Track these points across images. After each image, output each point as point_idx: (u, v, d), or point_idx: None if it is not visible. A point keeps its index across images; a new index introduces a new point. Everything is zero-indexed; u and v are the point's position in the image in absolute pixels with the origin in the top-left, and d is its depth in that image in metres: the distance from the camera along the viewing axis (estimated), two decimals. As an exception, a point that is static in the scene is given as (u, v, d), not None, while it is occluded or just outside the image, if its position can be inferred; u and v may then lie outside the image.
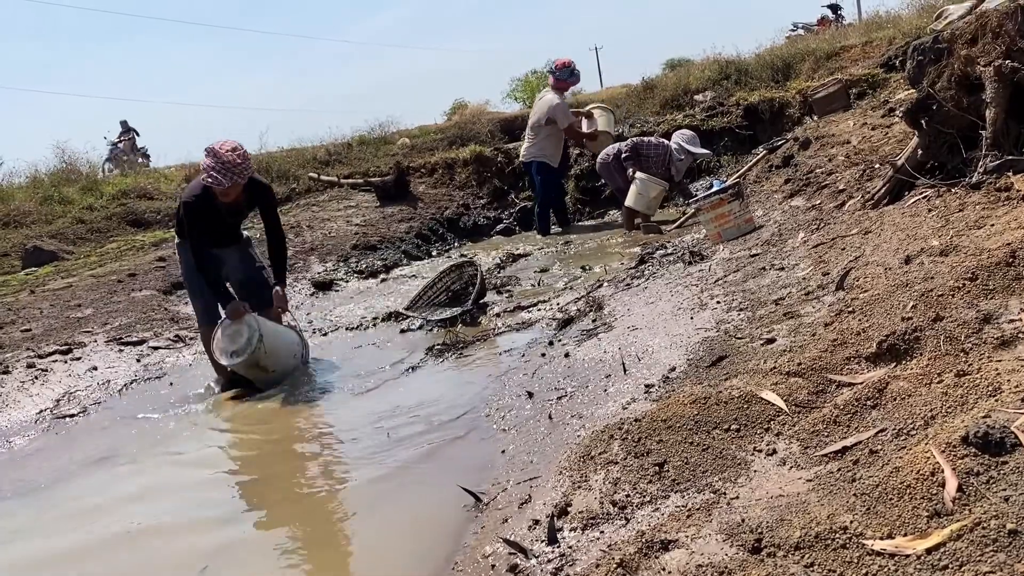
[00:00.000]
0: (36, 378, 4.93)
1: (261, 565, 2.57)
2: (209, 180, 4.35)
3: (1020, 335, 2.13)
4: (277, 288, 4.79)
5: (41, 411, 4.54)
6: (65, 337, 5.57)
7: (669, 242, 6.36)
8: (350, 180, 10.47)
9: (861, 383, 2.25)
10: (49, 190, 10.80)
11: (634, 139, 8.02)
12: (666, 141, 8.05)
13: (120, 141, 18.14)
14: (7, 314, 6.18)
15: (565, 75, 8.45)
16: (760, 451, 2.13)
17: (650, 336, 3.63)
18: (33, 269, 7.93)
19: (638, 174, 7.54)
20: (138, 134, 18.83)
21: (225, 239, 4.79)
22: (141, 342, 5.56)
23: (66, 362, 5.18)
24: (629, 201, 7.57)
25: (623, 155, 7.78)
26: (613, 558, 1.71)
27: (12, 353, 5.29)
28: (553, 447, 2.73)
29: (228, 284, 5.00)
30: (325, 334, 5.60)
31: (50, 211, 10.02)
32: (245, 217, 4.94)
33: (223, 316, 4.60)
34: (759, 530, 1.67)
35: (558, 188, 8.88)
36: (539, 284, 6.08)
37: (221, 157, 4.30)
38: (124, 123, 18.63)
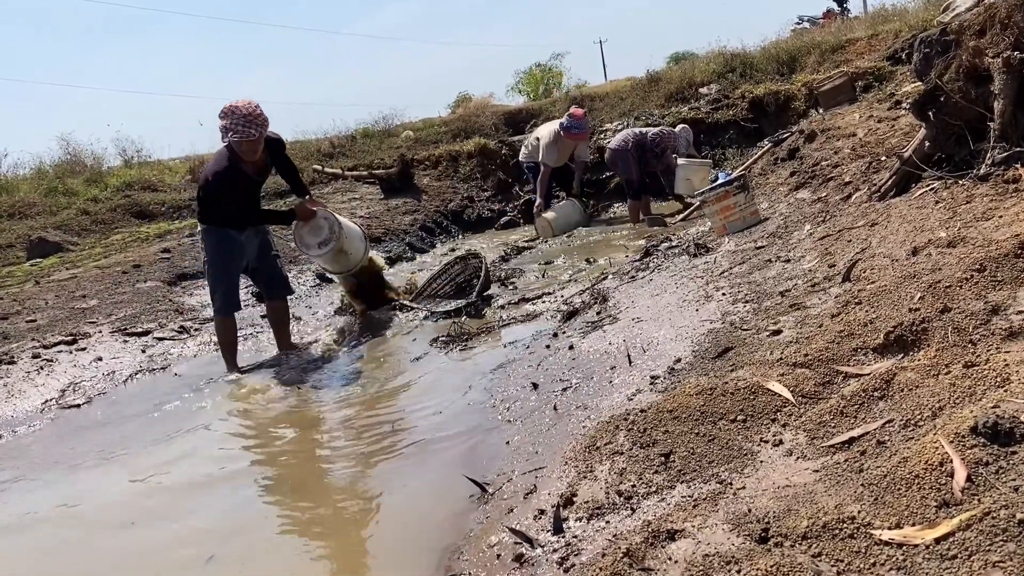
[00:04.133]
0: (41, 368, 4.94)
1: (267, 555, 2.58)
2: (238, 136, 4.44)
3: (1029, 326, 2.12)
4: (302, 200, 5.07)
5: (47, 401, 4.55)
6: (70, 328, 5.58)
7: (674, 235, 6.35)
8: (354, 172, 10.47)
9: (868, 374, 2.24)
10: (54, 182, 10.83)
11: (652, 130, 7.95)
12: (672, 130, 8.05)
13: None
14: (12, 305, 6.20)
15: (573, 126, 8.28)
16: (767, 442, 2.13)
17: (655, 328, 3.62)
18: (38, 260, 7.95)
19: (680, 160, 7.55)
20: None
21: (249, 214, 4.82)
22: (146, 333, 5.56)
23: (71, 353, 5.18)
24: (678, 188, 7.64)
25: (655, 145, 7.69)
26: (619, 548, 1.71)
27: (18, 343, 5.30)
28: (558, 438, 2.73)
29: (247, 276, 5.06)
30: (329, 325, 5.60)
31: (55, 203, 10.04)
32: (268, 175, 5.04)
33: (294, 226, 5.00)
34: (766, 520, 1.66)
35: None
36: (543, 276, 6.07)
37: (242, 110, 4.42)
38: None
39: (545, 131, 8.44)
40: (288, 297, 5.20)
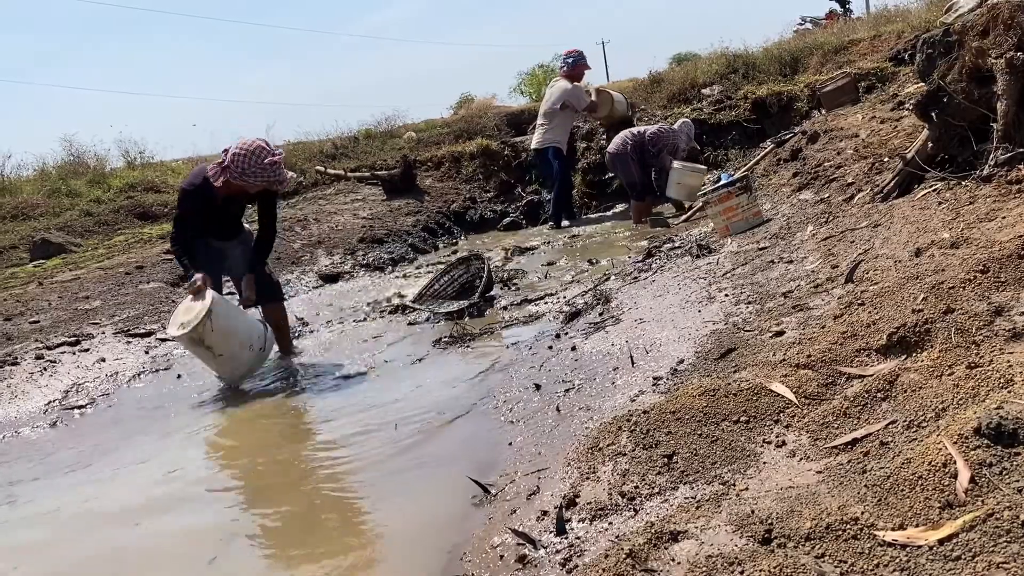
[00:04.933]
0: (45, 369, 4.95)
1: (269, 556, 2.58)
2: (280, 187, 4.48)
3: (1032, 327, 2.12)
4: (249, 275, 4.69)
5: (50, 402, 4.55)
6: (73, 329, 5.59)
7: (676, 236, 6.35)
8: (357, 173, 10.47)
9: (871, 375, 2.24)
10: (57, 183, 10.83)
11: (651, 129, 7.90)
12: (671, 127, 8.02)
13: None
14: (16, 306, 6.21)
15: (572, 61, 8.50)
16: (769, 443, 2.13)
17: (658, 329, 3.62)
18: (41, 261, 7.96)
19: (675, 163, 7.48)
20: None
21: (227, 231, 4.76)
22: (149, 334, 5.57)
23: (74, 354, 5.19)
24: (670, 192, 7.55)
25: (652, 145, 7.64)
26: (622, 549, 1.71)
27: (21, 344, 5.31)
28: (561, 439, 2.73)
29: (229, 279, 5.03)
30: (332, 326, 5.60)
31: (58, 204, 10.04)
32: (244, 208, 4.88)
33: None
34: (769, 521, 1.66)
35: (568, 180, 8.92)
36: (546, 277, 6.07)
37: (268, 156, 4.29)
38: None
39: (557, 94, 8.43)
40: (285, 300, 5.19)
